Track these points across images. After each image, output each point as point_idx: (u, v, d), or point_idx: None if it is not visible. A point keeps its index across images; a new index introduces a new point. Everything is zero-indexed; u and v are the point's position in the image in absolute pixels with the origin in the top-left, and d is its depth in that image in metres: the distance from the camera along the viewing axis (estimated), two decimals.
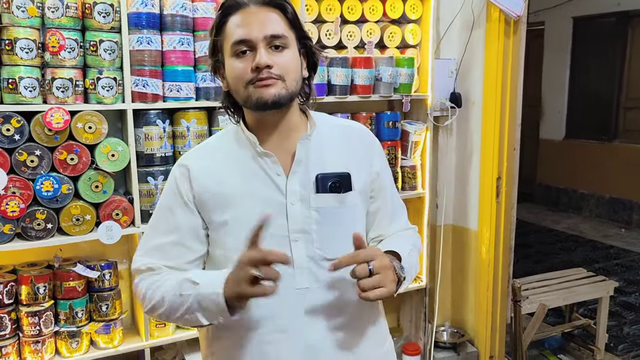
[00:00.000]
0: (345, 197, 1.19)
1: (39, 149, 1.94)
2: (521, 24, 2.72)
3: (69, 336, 2.09)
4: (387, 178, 1.33)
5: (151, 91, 2.10)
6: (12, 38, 1.87)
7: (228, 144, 1.25)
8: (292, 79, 1.15)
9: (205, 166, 1.22)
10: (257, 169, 1.19)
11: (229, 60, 1.15)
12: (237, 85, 1.15)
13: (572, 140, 6.85)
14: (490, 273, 2.82)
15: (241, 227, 1.16)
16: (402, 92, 2.63)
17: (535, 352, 3.31)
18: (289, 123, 1.21)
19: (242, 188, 1.18)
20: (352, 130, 1.31)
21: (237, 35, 1.12)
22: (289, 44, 1.15)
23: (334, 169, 1.20)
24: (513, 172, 2.85)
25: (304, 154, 1.20)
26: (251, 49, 1.12)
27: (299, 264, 1.17)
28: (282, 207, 1.17)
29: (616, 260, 5.09)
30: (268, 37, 1.12)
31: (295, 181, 1.18)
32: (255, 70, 1.11)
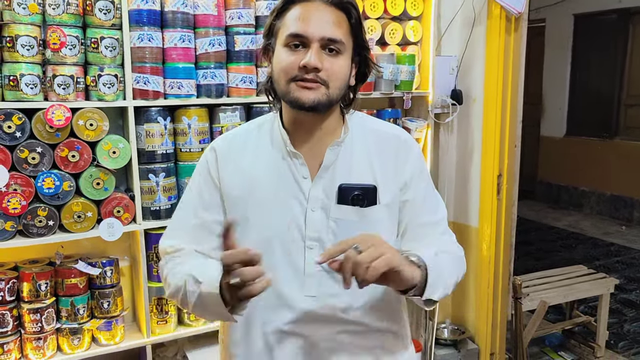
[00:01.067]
0: (367, 212, 1.14)
1: (40, 146, 1.94)
2: (522, 21, 2.71)
3: (71, 333, 2.10)
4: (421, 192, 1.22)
5: (152, 88, 2.10)
6: (13, 35, 1.87)
7: (263, 136, 1.22)
8: (336, 86, 1.11)
9: (235, 155, 1.21)
10: (284, 169, 1.17)
11: (280, 48, 1.12)
12: (280, 77, 1.12)
13: (573, 138, 6.84)
14: (490, 270, 2.82)
15: (261, 225, 1.16)
16: (403, 89, 2.63)
17: (535, 349, 3.32)
18: (325, 126, 1.18)
19: (266, 187, 1.17)
20: (388, 137, 1.23)
21: (295, 27, 1.09)
22: (344, 50, 1.11)
23: (360, 178, 1.16)
24: (514, 170, 2.85)
25: (332, 160, 1.17)
26: (304, 45, 1.09)
27: (310, 271, 1.15)
28: (302, 212, 1.15)
29: (617, 258, 5.09)
30: (325, 39, 1.08)
31: (319, 187, 1.16)
32: (302, 68, 1.08)
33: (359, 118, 1.25)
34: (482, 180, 2.82)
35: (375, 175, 1.17)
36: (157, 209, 2.16)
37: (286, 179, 1.16)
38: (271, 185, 1.17)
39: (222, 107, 2.24)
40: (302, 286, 1.15)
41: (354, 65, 1.17)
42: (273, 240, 1.15)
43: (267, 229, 1.16)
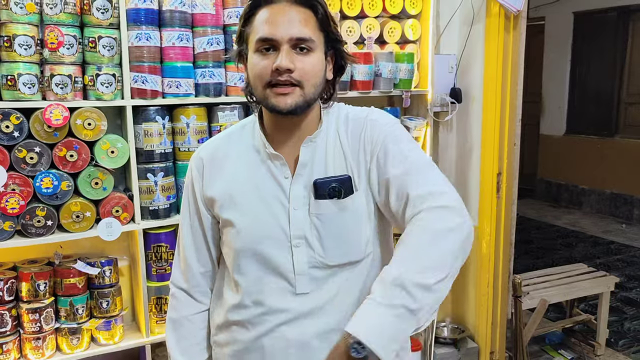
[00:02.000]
0: (346, 202, 1.15)
1: (38, 146, 1.94)
2: (521, 19, 2.71)
3: (70, 333, 2.10)
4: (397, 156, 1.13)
5: (150, 87, 2.09)
6: (10, 35, 1.87)
7: (245, 139, 1.24)
8: (311, 84, 1.12)
9: (219, 161, 1.23)
10: (266, 171, 1.18)
11: (252, 54, 1.13)
12: (256, 83, 1.13)
13: (573, 136, 6.84)
14: (490, 269, 2.82)
15: (247, 228, 1.17)
16: (402, 87, 2.63)
17: (536, 347, 3.31)
18: (305, 125, 1.19)
19: (249, 189, 1.18)
20: (356, 120, 1.20)
21: (263, 32, 1.10)
22: (315, 47, 1.12)
23: (336, 171, 1.17)
24: (513, 168, 2.85)
25: (309, 157, 1.17)
26: (274, 48, 1.09)
27: (300, 269, 1.16)
28: (285, 212, 1.16)
29: (617, 256, 5.09)
30: (293, 39, 1.09)
31: (300, 185, 1.17)
32: (275, 71, 1.09)
33: (341, 109, 1.25)
34: (482, 178, 2.81)
35: (349, 164, 1.17)
36: (156, 208, 2.16)
37: (268, 181, 1.18)
38: (254, 188, 1.18)
39: (221, 106, 2.24)
40: (293, 284, 1.16)
41: (329, 59, 1.17)
42: (260, 242, 1.17)
43: (254, 232, 1.17)
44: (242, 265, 1.19)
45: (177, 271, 1.33)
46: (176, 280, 1.33)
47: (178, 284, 1.32)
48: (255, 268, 1.18)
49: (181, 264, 1.32)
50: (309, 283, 1.16)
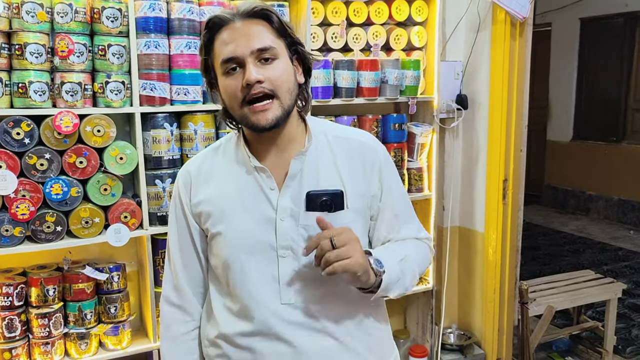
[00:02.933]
0: (336, 216, 1.15)
1: (48, 153, 1.96)
2: (527, 25, 2.71)
3: (78, 338, 2.11)
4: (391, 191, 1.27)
5: (159, 94, 2.11)
6: (22, 43, 1.90)
7: (230, 152, 1.25)
8: (285, 91, 1.13)
9: (206, 175, 1.25)
10: (252, 183, 1.20)
11: (221, 78, 1.15)
12: (232, 103, 1.14)
13: (580, 142, 6.82)
14: (497, 275, 2.82)
15: (233, 239, 1.19)
16: (408, 94, 2.64)
17: (542, 354, 3.30)
18: (287, 135, 1.20)
19: (236, 201, 1.20)
20: (352, 144, 1.25)
21: (225, 53, 1.12)
22: (279, 54, 1.13)
23: (328, 184, 1.18)
24: (519, 174, 2.85)
25: (298, 169, 1.19)
26: (240, 66, 1.11)
27: (285, 279, 1.17)
28: (272, 222, 1.17)
29: (624, 263, 5.06)
30: (255, 52, 1.10)
31: (287, 197, 1.18)
32: (246, 87, 1.10)
33: (322, 124, 1.28)
34: (488, 185, 2.81)
35: (343, 182, 1.20)
36: (164, 214, 2.17)
37: (254, 192, 1.19)
38: (240, 199, 1.19)
39: None
40: (278, 295, 1.17)
41: (296, 64, 1.19)
42: (246, 252, 1.18)
43: (240, 242, 1.19)
44: (230, 276, 1.21)
45: (169, 287, 1.33)
46: (168, 297, 1.33)
47: (171, 300, 1.32)
48: (242, 279, 1.19)
49: (173, 280, 1.32)
50: (294, 294, 1.17)
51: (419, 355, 2.82)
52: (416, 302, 2.98)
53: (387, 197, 1.26)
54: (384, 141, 2.61)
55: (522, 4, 2.57)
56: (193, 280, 1.31)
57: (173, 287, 1.32)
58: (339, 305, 1.20)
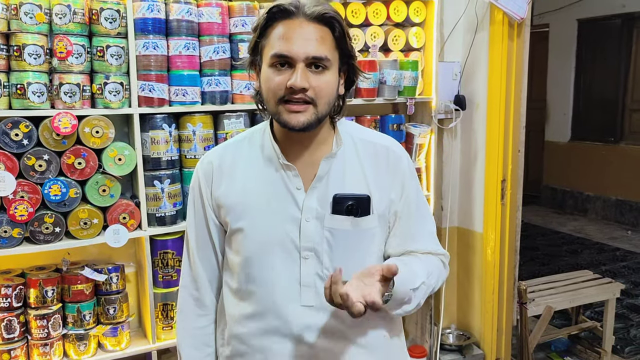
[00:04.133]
0: (361, 221, 1.15)
1: (47, 154, 1.96)
2: (525, 26, 2.72)
3: (77, 339, 2.11)
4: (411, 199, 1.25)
5: (157, 95, 2.12)
6: (20, 44, 1.90)
7: (255, 147, 1.23)
8: (324, 102, 1.11)
9: (228, 168, 1.22)
10: (278, 181, 1.18)
11: (266, 68, 1.12)
12: (269, 97, 1.13)
13: (578, 143, 6.83)
14: (495, 275, 2.82)
15: (255, 236, 1.18)
16: (406, 95, 2.64)
17: (541, 354, 3.30)
18: (316, 138, 1.19)
19: (260, 198, 1.18)
20: (378, 148, 1.23)
21: (279, 48, 1.09)
22: (330, 66, 1.11)
23: (353, 188, 1.17)
24: (518, 175, 2.85)
25: (326, 171, 1.18)
26: (290, 65, 1.09)
27: (306, 281, 1.16)
28: (297, 223, 1.16)
29: (623, 263, 5.07)
30: (310, 58, 1.08)
31: (313, 198, 1.17)
32: (289, 89, 1.08)
33: (349, 126, 1.27)
34: (486, 185, 2.82)
35: (368, 185, 1.19)
36: (163, 215, 2.17)
37: (280, 190, 1.18)
38: (265, 196, 1.18)
39: (227, 114, 2.26)
40: (298, 296, 1.16)
41: (342, 74, 1.18)
42: (268, 251, 1.17)
43: (262, 240, 1.17)
44: (249, 274, 1.19)
45: (188, 278, 1.31)
46: (187, 287, 1.31)
47: (189, 291, 1.31)
48: (261, 277, 1.18)
49: (192, 272, 1.30)
50: (315, 296, 1.16)
51: (418, 355, 2.82)
52: None
53: (407, 205, 1.24)
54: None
55: (519, 5, 2.57)
56: (210, 274, 1.29)
57: (192, 279, 1.30)
58: None
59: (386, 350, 1.25)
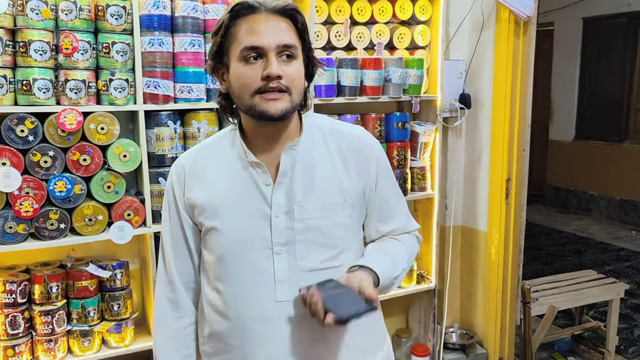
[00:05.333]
0: (331, 207, 1.18)
1: (52, 150, 1.96)
2: (531, 24, 2.71)
3: (81, 335, 2.11)
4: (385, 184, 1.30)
5: (162, 92, 2.11)
6: (26, 40, 1.90)
7: (225, 147, 1.25)
8: (297, 91, 1.15)
9: (200, 170, 1.24)
10: (247, 179, 1.20)
11: (236, 64, 1.14)
12: (243, 92, 1.14)
13: (582, 142, 6.81)
14: (499, 274, 2.81)
15: (228, 234, 1.20)
16: (411, 93, 2.64)
17: (545, 354, 3.30)
18: (286, 132, 1.20)
19: (230, 197, 1.20)
20: (348, 138, 1.26)
21: (249, 41, 1.11)
22: (298, 55, 1.15)
23: (323, 179, 1.19)
24: (523, 174, 2.85)
25: (289, 164, 1.19)
26: (261, 57, 1.11)
27: (280, 277, 1.17)
28: (267, 219, 1.18)
29: (627, 263, 5.05)
30: (281, 46, 1.11)
31: (281, 193, 1.18)
32: (266, 79, 1.10)
33: (316, 117, 1.29)
34: (491, 184, 2.81)
35: (339, 176, 1.21)
36: None
37: (249, 188, 1.19)
38: (235, 195, 1.20)
39: None
40: (274, 292, 1.17)
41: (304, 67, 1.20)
42: (241, 248, 1.19)
43: (235, 238, 1.19)
44: (224, 272, 1.21)
45: (163, 282, 1.32)
46: (162, 291, 1.33)
47: (165, 294, 1.32)
48: (236, 275, 1.20)
49: (167, 275, 1.31)
50: (290, 290, 1.17)
51: (421, 354, 2.82)
52: (418, 302, 2.98)
53: (383, 190, 1.29)
54: (387, 140, 2.61)
55: (526, 3, 2.56)
56: (185, 276, 1.31)
57: (167, 282, 1.31)
58: None
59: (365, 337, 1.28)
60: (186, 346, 1.32)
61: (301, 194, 1.18)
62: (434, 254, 2.80)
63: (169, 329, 1.32)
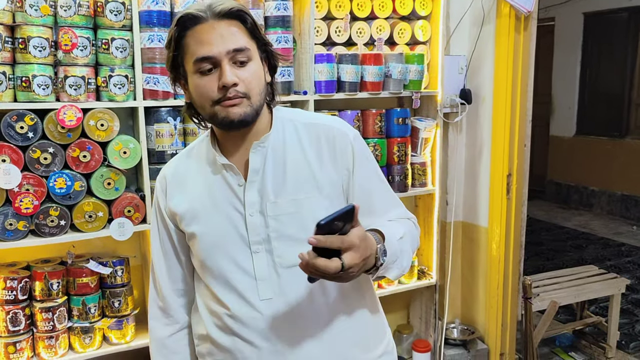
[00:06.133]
0: (305, 202, 1.16)
1: (52, 147, 1.96)
2: (532, 19, 2.70)
3: (82, 332, 2.11)
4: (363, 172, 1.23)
5: (162, 89, 2.11)
6: (25, 37, 1.89)
7: (201, 152, 1.26)
8: (256, 93, 1.13)
9: (180, 177, 1.26)
10: (220, 181, 1.20)
11: (192, 77, 1.13)
12: (203, 103, 1.13)
13: (583, 137, 6.80)
14: (500, 270, 2.81)
15: (208, 238, 1.21)
16: (411, 88, 2.63)
17: (546, 349, 3.30)
18: (255, 131, 1.20)
19: (207, 202, 1.21)
20: (321, 129, 1.22)
21: (199, 52, 1.09)
22: (252, 56, 1.13)
23: (296, 174, 1.18)
24: (523, 169, 2.84)
25: (259, 162, 1.18)
26: (215, 66, 1.10)
27: (261, 275, 1.17)
28: (242, 219, 1.18)
29: (628, 258, 5.05)
30: (231, 52, 1.09)
31: (254, 191, 1.18)
32: (222, 89, 1.09)
33: (288, 113, 1.26)
34: (492, 180, 2.81)
35: (312, 169, 1.19)
36: None
37: (223, 191, 1.20)
38: (211, 199, 1.20)
39: None
40: (256, 291, 1.18)
41: (264, 62, 1.19)
42: (221, 251, 1.19)
43: (214, 241, 1.20)
44: (209, 275, 1.22)
45: (153, 289, 1.35)
46: (153, 298, 1.35)
47: (155, 301, 1.34)
48: (220, 277, 1.20)
49: (155, 282, 1.33)
50: (271, 288, 1.17)
51: (422, 350, 2.82)
52: (419, 297, 2.98)
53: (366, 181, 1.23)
54: (387, 136, 2.61)
55: None
56: (175, 283, 1.32)
57: (156, 290, 1.34)
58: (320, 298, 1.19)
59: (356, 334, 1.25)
60: (175, 352, 1.34)
61: (272, 191, 1.17)
62: (435, 249, 2.80)
63: (158, 336, 1.35)
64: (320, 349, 1.20)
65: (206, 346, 1.27)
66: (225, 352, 1.22)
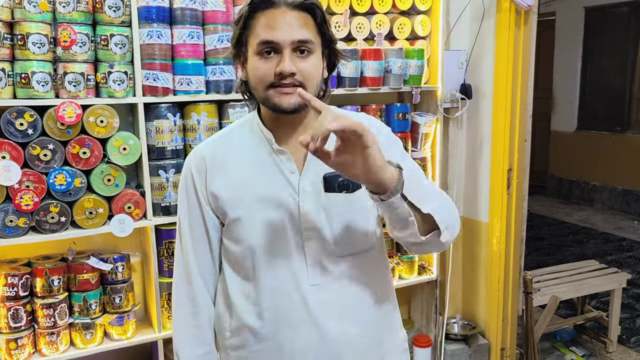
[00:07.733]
0: (354, 195, 1.15)
1: (52, 143, 1.96)
2: (532, 14, 2.69)
3: (83, 328, 2.12)
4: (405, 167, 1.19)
5: (162, 85, 2.11)
6: (24, 33, 1.89)
7: (244, 136, 1.25)
8: (312, 85, 1.15)
9: (221, 160, 1.23)
10: (272, 166, 1.20)
11: (252, 57, 1.15)
12: (257, 84, 1.15)
13: (584, 132, 6.79)
14: (501, 265, 2.81)
15: (255, 223, 1.19)
16: (411, 83, 2.62)
17: (547, 344, 3.30)
18: (306, 121, 1.21)
19: (256, 186, 1.20)
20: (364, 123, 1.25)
21: (264, 35, 1.12)
22: (315, 49, 1.15)
23: None
24: (524, 164, 2.84)
25: None
26: (276, 51, 1.12)
27: (312, 261, 1.18)
28: (295, 206, 1.18)
29: (629, 253, 5.05)
30: (295, 42, 1.11)
31: (308, 180, 1.19)
32: (279, 75, 1.11)
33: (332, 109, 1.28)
34: (492, 175, 2.80)
35: None
36: (168, 204, 2.17)
37: (275, 176, 1.20)
38: (261, 183, 1.20)
39: (231, 103, 2.25)
40: (306, 276, 1.18)
41: (324, 58, 1.20)
42: (271, 236, 1.18)
43: (263, 227, 1.19)
44: (254, 261, 1.20)
45: (182, 275, 1.31)
46: (181, 285, 1.31)
47: (183, 288, 1.31)
48: (268, 263, 1.19)
49: (185, 268, 1.30)
50: (321, 275, 1.19)
51: (423, 345, 2.82)
52: (420, 292, 2.98)
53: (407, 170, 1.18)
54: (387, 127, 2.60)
55: None
56: (204, 269, 1.29)
57: (185, 276, 1.30)
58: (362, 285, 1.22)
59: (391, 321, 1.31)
60: (205, 342, 1.31)
61: None
62: None
63: (188, 326, 1.31)
64: (361, 334, 1.23)
65: (243, 337, 1.24)
66: (264, 342, 1.21)
